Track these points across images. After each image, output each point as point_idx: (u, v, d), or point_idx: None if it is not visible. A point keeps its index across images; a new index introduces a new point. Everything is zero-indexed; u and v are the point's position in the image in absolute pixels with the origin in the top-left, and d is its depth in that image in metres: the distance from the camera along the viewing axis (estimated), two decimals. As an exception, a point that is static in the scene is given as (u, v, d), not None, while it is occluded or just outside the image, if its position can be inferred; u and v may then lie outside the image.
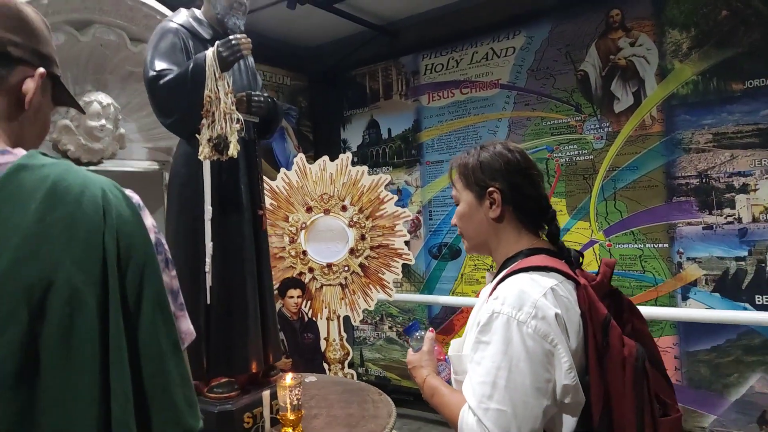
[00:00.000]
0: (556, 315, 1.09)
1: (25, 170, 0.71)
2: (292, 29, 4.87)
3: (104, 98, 2.23)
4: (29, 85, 0.81)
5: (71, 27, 2.11)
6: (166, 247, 0.86)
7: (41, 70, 0.82)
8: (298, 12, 4.27)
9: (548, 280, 1.14)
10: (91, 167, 2.33)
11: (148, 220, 0.81)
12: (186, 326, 0.85)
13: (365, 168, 3.49)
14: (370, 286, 3.40)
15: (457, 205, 1.34)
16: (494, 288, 1.19)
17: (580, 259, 1.29)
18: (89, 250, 0.70)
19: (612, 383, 1.09)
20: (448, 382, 1.32)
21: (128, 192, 0.80)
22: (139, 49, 2.27)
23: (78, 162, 2.29)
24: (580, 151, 4.09)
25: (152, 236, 0.80)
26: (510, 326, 1.09)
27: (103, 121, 2.22)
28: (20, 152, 0.75)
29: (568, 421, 1.11)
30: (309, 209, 3.43)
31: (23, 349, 0.65)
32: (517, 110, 4.38)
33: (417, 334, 1.44)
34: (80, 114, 2.20)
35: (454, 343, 1.32)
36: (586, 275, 1.24)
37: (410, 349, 1.40)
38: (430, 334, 1.40)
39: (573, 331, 1.11)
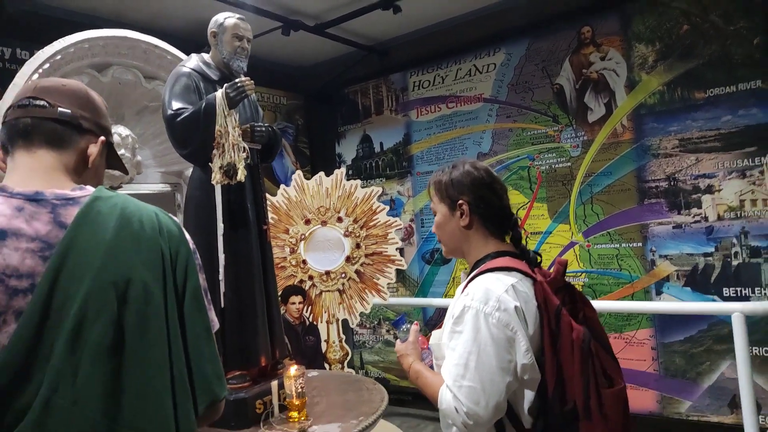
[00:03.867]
0: (516, 307, 1.31)
1: (99, 200, 0.96)
2: (287, 52, 5.17)
3: (123, 130, 2.51)
4: (93, 150, 1.07)
5: (93, 69, 2.40)
6: (199, 256, 1.09)
7: (102, 138, 1.09)
8: (292, 37, 4.56)
9: (510, 279, 1.35)
10: (112, 191, 2.61)
11: (188, 235, 1.07)
12: (212, 316, 1.07)
13: (358, 182, 3.77)
14: (366, 291, 3.68)
15: (435, 216, 1.57)
16: (465, 286, 1.42)
17: (538, 258, 1.51)
18: (152, 255, 0.95)
19: (563, 362, 1.30)
20: (431, 367, 1.57)
21: (172, 215, 1.06)
22: (152, 86, 2.56)
23: (100, 187, 2.57)
24: (559, 159, 4.37)
25: (191, 246, 1.05)
26: (478, 318, 1.30)
27: (123, 151, 2.49)
28: (91, 189, 1.01)
29: (528, 395, 1.33)
30: (307, 221, 3.71)
31: (114, 328, 0.88)
32: (500, 122, 4.67)
33: (404, 326, 1.68)
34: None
35: (435, 333, 1.54)
36: (544, 272, 1.46)
37: (398, 340, 1.63)
38: (414, 327, 1.63)
39: (531, 320, 1.34)
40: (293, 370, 2.01)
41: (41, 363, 0.83)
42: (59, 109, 1.03)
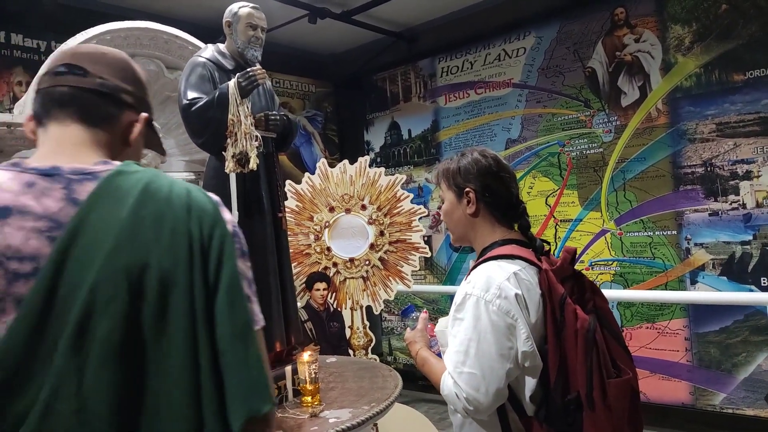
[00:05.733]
0: (517, 295, 1.31)
1: (121, 175, 0.84)
2: (315, 40, 5.19)
3: (147, 120, 2.58)
4: (135, 127, 0.94)
5: (116, 60, 2.47)
6: (243, 240, 0.91)
7: (145, 115, 0.96)
8: (320, 25, 4.57)
9: (512, 266, 1.35)
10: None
11: (227, 215, 0.89)
12: (257, 310, 0.89)
13: (382, 169, 3.78)
14: (390, 278, 3.69)
15: (443, 203, 1.56)
16: (468, 274, 1.42)
17: (545, 247, 1.49)
18: (176, 237, 0.80)
19: (567, 351, 1.29)
20: (439, 354, 1.58)
21: (209, 193, 0.90)
22: (174, 76, 2.61)
23: (126, 175, 2.65)
24: (590, 145, 4.27)
25: (230, 227, 0.87)
26: (479, 305, 1.31)
27: (147, 140, 2.57)
28: (115, 164, 0.87)
29: (530, 382, 1.33)
30: (332, 209, 3.74)
31: (126, 323, 0.74)
32: (530, 108, 4.59)
33: (413, 314, 1.69)
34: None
35: (441, 320, 1.53)
36: (551, 261, 1.44)
37: (408, 328, 1.66)
38: (423, 315, 1.65)
39: (533, 308, 1.33)
40: (306, 355, 2.03)
41: (43, 361, 0.73)
42: (98, 79, 0.91)
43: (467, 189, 1.45)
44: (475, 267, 1.41)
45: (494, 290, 1.30)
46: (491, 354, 1.28)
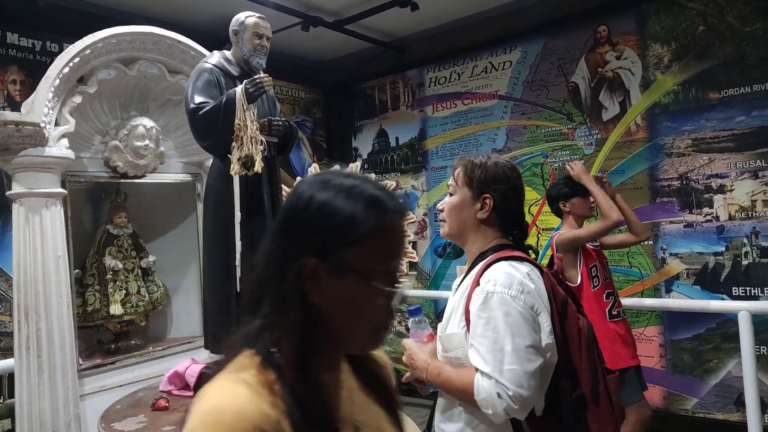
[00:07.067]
0: (538, 290, 1.35)
1: None
2: (307, 47, 5.27)
3: (148, 122, 2.64)
4: None
5: (120, 63, 2.53)
6: None
7: None
8: (312, 33, 4.65)
9: (524, 266, 1.39)
10: (136, 180, 2.74)
11: None
12: None
13: (373, 175, 3.87)
14: (378, 281, 3.77)
15: (451, 195, 1.53)
16: (479, 275, 1.41)
17: (532, 254, 1.54)
18: None
19: (572, 350, 1.36)
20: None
21: None
22: (176, 80, 2.67)
23: (125, 176, 2.70)
24: (572, 157, 4.40)
25: None
26: (506, 301, 1.31)
27: (147, 142, 2.62)
28: None
29: (543, 382, 1.32)
30: (322, 213, 3.81)
31: None
32: (515, 119, 4.72)
33: (417, 317, 1.56)
34: (128, 135, 2.61)
35: (440, 326, 1.53)
36: (542, 266, 1.51)
37: (411, 339, 1.56)
38: (421, 335, 1.56)
39: (546, 305, 1.37)
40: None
41: None
42: None
43: (487, 196, 1.46)
44: (486, 269, 1.41)
45: (517, 286, 1.33)
46: (526, 347, 1.28)
